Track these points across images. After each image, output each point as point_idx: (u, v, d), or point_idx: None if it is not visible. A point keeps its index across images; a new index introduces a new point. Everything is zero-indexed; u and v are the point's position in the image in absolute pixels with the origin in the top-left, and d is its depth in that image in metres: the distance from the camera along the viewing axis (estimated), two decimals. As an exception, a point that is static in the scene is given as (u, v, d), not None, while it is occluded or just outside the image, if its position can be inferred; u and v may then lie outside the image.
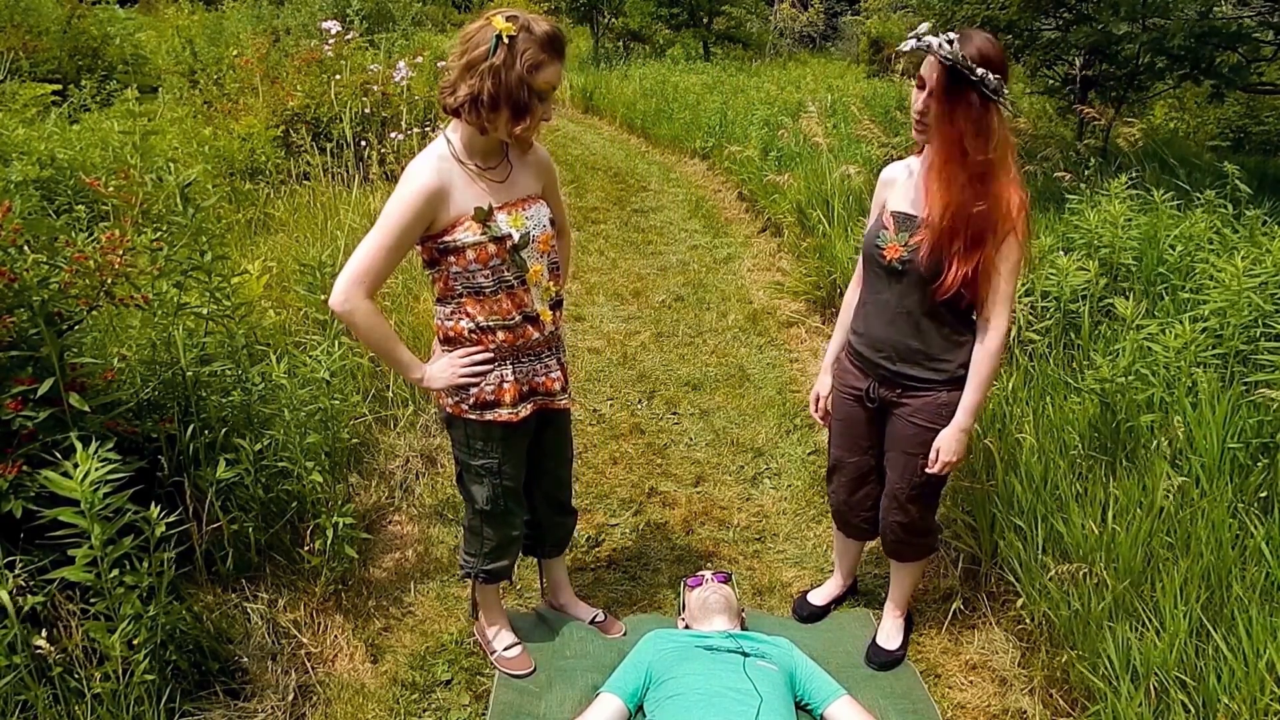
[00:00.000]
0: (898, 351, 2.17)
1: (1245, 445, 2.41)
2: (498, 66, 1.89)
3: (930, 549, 2.45)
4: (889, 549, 2.43)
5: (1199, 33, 4.67)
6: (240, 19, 11.45)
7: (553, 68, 1.94)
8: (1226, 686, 1.90)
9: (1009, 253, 2.02)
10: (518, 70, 1.89)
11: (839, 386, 2.38)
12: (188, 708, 2.11)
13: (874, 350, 2.22)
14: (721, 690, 2.07)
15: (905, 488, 2.28)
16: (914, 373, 2.17)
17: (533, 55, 1.90)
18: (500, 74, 1.90)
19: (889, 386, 2.22)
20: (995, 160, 1.97)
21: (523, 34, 1.89)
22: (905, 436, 2.23)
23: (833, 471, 2.49)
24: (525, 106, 1.93)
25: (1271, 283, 2.93)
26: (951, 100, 1.93)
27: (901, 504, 2.31)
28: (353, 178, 5.22)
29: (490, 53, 1.89)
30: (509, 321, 2.10)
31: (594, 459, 3.58)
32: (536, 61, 1.91)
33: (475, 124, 1.96)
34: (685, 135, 9.58)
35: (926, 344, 2.13)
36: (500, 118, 1.94)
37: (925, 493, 2.30)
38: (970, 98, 1.92)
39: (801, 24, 16.86)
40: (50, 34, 7.99)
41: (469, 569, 2.39)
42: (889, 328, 2.17)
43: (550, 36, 1.92)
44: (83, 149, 4.50)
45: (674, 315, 5.06)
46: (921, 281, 2.07)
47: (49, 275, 2.13)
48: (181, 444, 2.40)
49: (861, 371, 2.28)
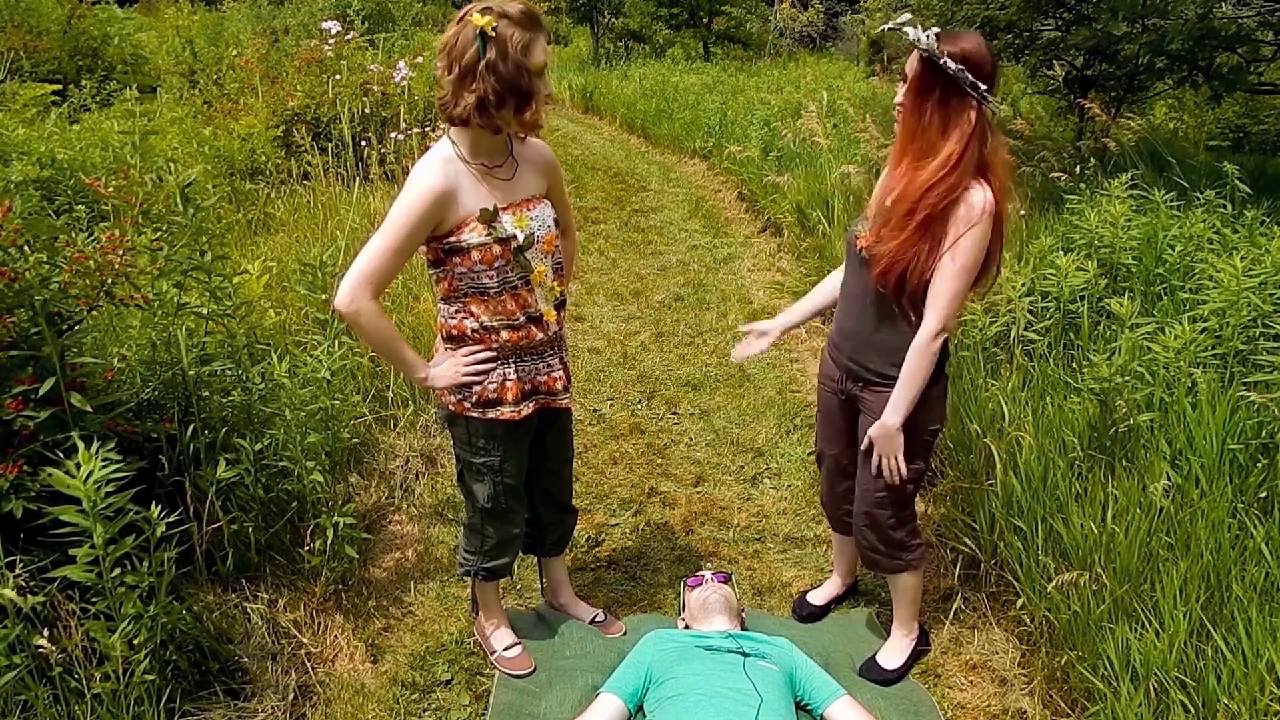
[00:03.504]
0: (860, 342, 2.19)
1: (1245, 445, 2.41)
2: (493, 61, 1.89)
3: (905, 567, 2.34)
4: (864, 558, 2.40)
5: (1198, 34, 4.67)
6: (240, 19, 11.45)
7: (539, 43, 1.94)
8: (1226, 687, 1.91)
9: (961, 253, 1.97)
10: (513, 58, 1.89)
11: (821, 378, 2.42)
12: (188, 708, 2.11)
13: (843, 339, 2.25)
14: (721, 690, 2.08)
15: (873, 490, 2.25)
16: (873, 365, 2.16)
17: (520, 38, 1.90)
18: (498, 68, 1.89)
19: (853, 379, 2.23)
20: (965, 157, 1.95)
21: (503, 22, 1.89)
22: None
23: (819, 462, 2.55)
24: (529, 91, 1.94)
25: (1270, 283, 2.93)
26: (923, 90, 1.95)
27: (869, 508, 2.27)
28: (353, 178, 5.22)
29: (481, 52, 1.89)
30: (513, 322, 2.11)
31: (594, 459, 3.58)
32: (525, 43, 1.90)
33: (488, 126, 1.96)
34: (685, 135, 9.58)
35: (886, 337, 2.12)
36: (508, 111, 1.94)
37: (892, 499, 2.24)
38: (942, 91, 1.93)
39: (801, 24, 16.86)
40: (50, 34, 7.99)
41: (468, 567, 2.40)
42: (856, 318, 2.19)
43: (526, 13, 1.91)
44: (83, 149, 4.50)
45: (674, 315, 5.06)
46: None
47: (49, 275, 2.13)
48: (182, 444, 2.40)
49: (835, 364, 2.31)
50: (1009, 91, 8.94)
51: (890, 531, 2.28)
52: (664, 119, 10.37)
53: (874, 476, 2.21)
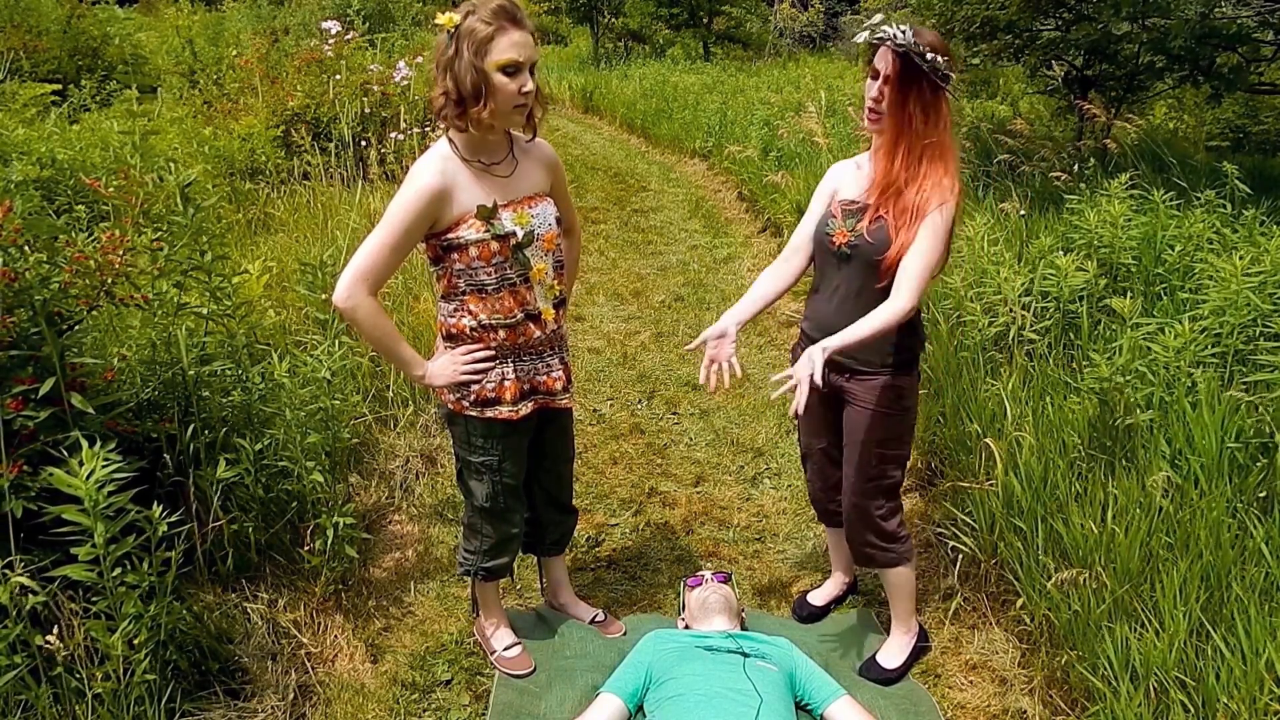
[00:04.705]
0: None
1: (1244, 445, 2.41)
2: (451, 58, 1.90)
3: (899, 560, 2.35)
4: (856, 555, 2.41)
5: (1200, 33, 4.67)
6: (240, 19, 11.46)
7: (507, 37, 1.89)
8: (1226, 686, 1.91)
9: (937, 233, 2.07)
10: (465, 57, 1.89)
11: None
12: (188, 708, 2.11)
13: (823, 334, 2.19)
14: (721, 691, 2.08)
15: (861, 480, 2.27)
16: (860, 356, 2.20)
17: (481, 32, 1.88)
18: (454, 65, 1.90)
19: (837, 371, 2.26)
20: (943, 143, 2.09)
21: (470, 18, 1.89)
22: (858, 424, 2.26)
23: (805, 460, 2.55)
24: (481, 91, 1.91)
25: (1270, 282, 2.93)
26: (905, 86, 2.05)
27: (859, 499, 2.29)
28: (353, 178, 5.23)
29: (445, 48, 1.91)
30: (511, 319, 2.11)
31: (594, 459, 3.58)
32: (485, 36, 1.88)
33: (459, 123, 1.96)
34: (685, 135, 9.58)
35: None
36: (470, 108, 1.93)
37: (882, 488, 2.28)
38: (922, 84, 2.04)
39: (801, 24, 16.85)
40: (50, 34, 8.00)
41: (468, 566, 2.40)
42: (837, 313, 2.21)
43: (497, 9, 1.89)
44: (83, 149, 4.50)
45: (674, 315, 5.06)
46: (868, 264, 2.14)
47: (50, 275, 2.13)
48: (182, 444, 2.40)
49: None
50: (1009, 91, 8.94)
51: (882, 523, 2.30)
52: (664, 119, 10.37)
53: (865, 465, 2.25)
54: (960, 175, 2.15)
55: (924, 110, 2.06)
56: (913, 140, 2.07)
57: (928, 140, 2.07)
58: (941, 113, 2.08)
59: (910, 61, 2.01)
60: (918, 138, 2.07)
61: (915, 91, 2.04)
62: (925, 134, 2.07)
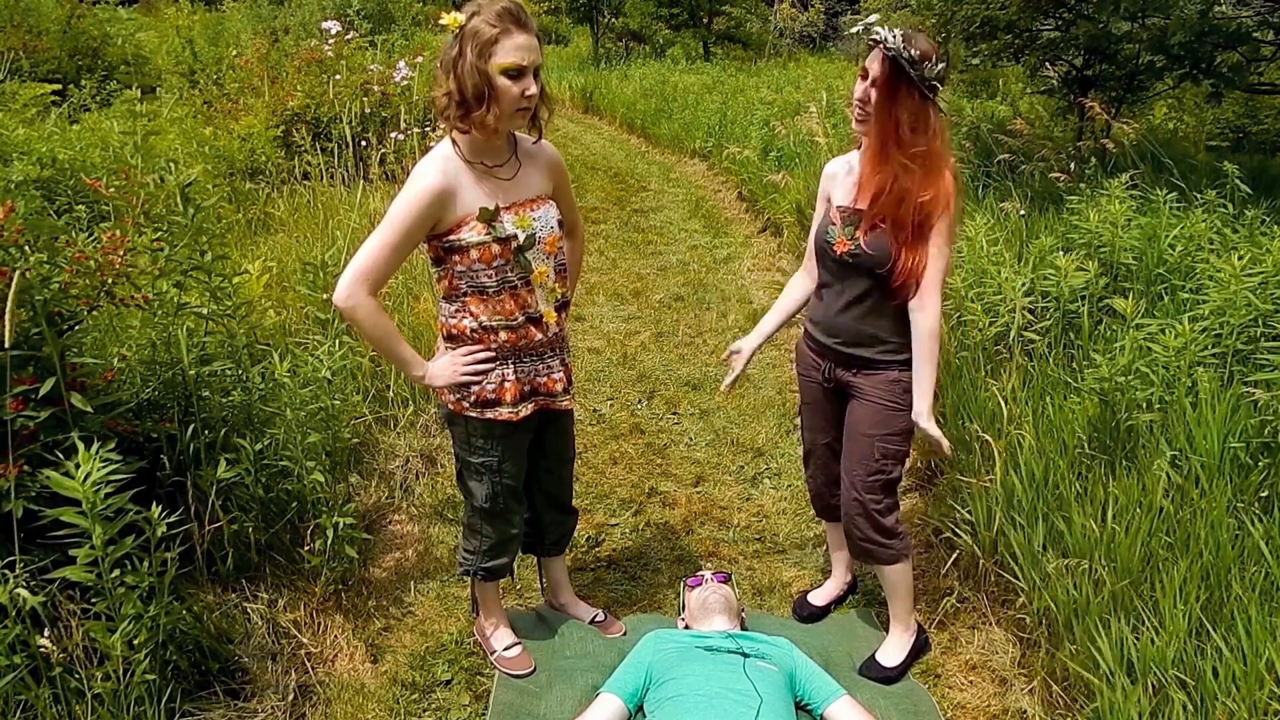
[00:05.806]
0: (851, 336, 2.27)
1: (1245, 445, 2.41)
2: (455, 59, 1.90)
3: (898, 556, 2.36)
4: (855, 549, 2.42)
5: (1199, 31, 4.67)
6: (240, 19, 11.46)
7: (511, 40, 1.88)
8: (1225, 685, 1.91)
9: (945, 238, 2.14)
10: (469, 58, 1.88)
11: (802, 371, 2.46)
12: (188, 708, 2.11)
13: (829, 335, 2.31)
14: (721, 691, 2.08)
15: (862, 474, 2.28)
16: (867, 354, 2.25)
17: (485, 35, 1.87)
18: (458, 66, 1.90)
19: (845, 367, 2.30)
20: (935, 152, 2.10)
21: (474, 20, 1.88)
22: (862, 418, 2.28)
23: (808, 456, 2.57)
24: (484, 94, 1.90)
25: (1271, 282, 2.93)
26: (892, 90, 2.06)
27: (859, 494, 2.30)
28: (353, 178, 5.22)
29: (449, 49, 1.90)
30: (511, 322, 2.11)
31: (594, 459, 3.58)
32: (490, 38, 1.87)
33: (462, 126, 1.96)
34: (685, 135, 9.58)
35: (878, 328, 2.23)
36: (473, 111, 1.92)
37: (881, 483, 2.29)
38: (910, 90, 2.05)
39: (801, 24, 16.86)
40: (50, 34, 7.99)
41: (467, 566, 2.40)
42: (842, 316, 2.26)
43: (502, 11, 1.88)
44: (83, 149, 4.50)
45: (674, 315, 5.06)
46: (870, 273, 2.17)
47: (50, 275, 2.13)
48: (182, 444, 2.40)
49: (819, 355, 2.37)
50: (1009, 91, 8.93)
51: (880, 518, 2.31)
52: (664, 119, 10.37)
53: (867, 459, 2.26)
54: (958, 181, 2.15)
55: (911, 117, 2.06)
56: (898, 146, 2.08)
57: (916, 148, 2.07)
58: (929, 121, 2.08)
59: (899, 67, 2.02)
60: (904, 144, 2.07)
61: (902, 97, 2.05)
62: (913, 141, 2.07)
